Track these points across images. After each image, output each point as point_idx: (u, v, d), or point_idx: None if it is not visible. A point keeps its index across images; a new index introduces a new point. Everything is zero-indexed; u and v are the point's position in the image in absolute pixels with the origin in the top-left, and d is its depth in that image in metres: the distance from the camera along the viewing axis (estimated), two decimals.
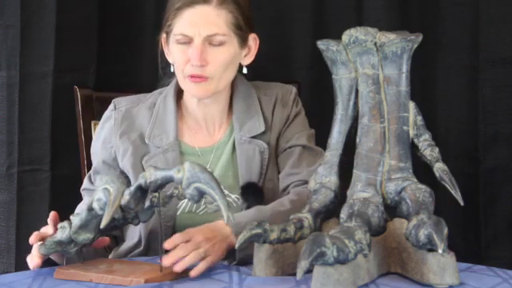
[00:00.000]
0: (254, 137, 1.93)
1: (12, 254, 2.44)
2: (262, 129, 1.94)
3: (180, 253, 1.59)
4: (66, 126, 2.36)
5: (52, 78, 2.42)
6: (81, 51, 2.46)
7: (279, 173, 1.95)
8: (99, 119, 2.17)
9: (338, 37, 1.62)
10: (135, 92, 2.06)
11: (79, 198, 2.25)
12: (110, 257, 1.93)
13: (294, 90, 2.02)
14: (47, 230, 1.66)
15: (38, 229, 2.44)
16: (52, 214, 1.68)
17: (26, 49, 2.41)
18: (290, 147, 1.95)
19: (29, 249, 2.44)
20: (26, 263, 2.39)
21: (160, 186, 1.54)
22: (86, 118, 2.21)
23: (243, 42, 1.93)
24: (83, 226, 1.59)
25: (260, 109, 1.96)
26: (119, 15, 2.53)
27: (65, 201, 2.45)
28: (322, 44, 1.64)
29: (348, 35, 1.60)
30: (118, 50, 2.52)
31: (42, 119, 2.43)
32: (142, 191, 1.55)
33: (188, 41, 1.88)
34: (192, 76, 1.87)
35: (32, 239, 1.65)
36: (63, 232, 1.60)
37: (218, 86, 1.90)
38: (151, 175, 1.53)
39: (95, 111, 2.22)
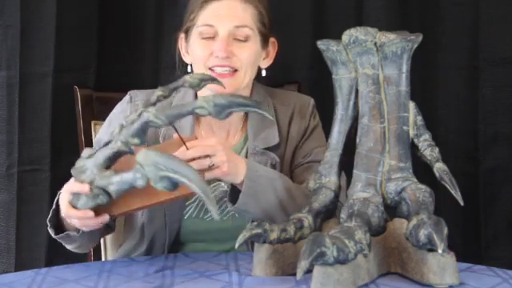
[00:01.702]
0: (267, 148, 1.89)
1: (12, 254, 2.44)
2: (277, 141, 1.90)
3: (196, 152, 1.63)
4: (66, 125, 2.36)
5: (52, 78, 2.42)
6: (81, 51, 2.46)
7: None
8: (99, 119, 2.17)
9: (338, 37, 1.62)
10: None
11: None
12: (116, 256, 1.93)
13: (311, 101, 1.98)
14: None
15: (37, 229, 2.46)
16: None
17: (26, 49, 2.41)
18: (307, 162, 1.91)
19: (28, 249, 2.45)
20: (25, 263, 2.42)
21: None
22: (85, 117, 2.21)
23: (265, 42, 1.91)
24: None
25: (276, 119, 1.92)
26: (119, 15, 2.53)
27: None
28: (322, 44, 1.64)
29: (348, 35, 1.60)
30: (118, 50, 2.52)
31: (42, 119, 2.43)
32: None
33: (212, 34, 1.84)
34: (218, 66, 1.83)
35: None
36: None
37: (242, 82, 1.86)
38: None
39: (95, 111, 2.22)
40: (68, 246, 1.81)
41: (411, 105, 1.61)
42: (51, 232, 1.74)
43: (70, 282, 1.56)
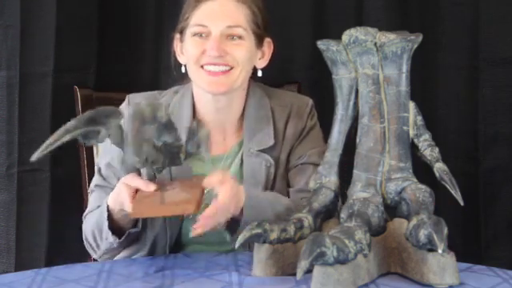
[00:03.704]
0: (262, 150, 1.88)
1: (12, 254, 2.44)
2: (271, 143, 1.89)
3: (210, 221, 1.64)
4: None
5: (52, 78, 2.42)
6: (81, 51, 2.46)
7: (289, 187, 1.91)
8: None
9: (337, 37, 1.62)
10: (135, 92, 2.05)
11: (79, 198, 2.25)
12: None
13: (310, 102, 1.96)
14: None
15: (37, 229, 2.46)
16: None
17: (26, 49, 2.41)
18: (301, 164, 1.90)
19: (28, 249, 2.45)
20: (25, 263, 2.42)
21: None
22: None
23: (259, 42, 1.90)
24: None
25: (272, 120, 1.91)
26: (119, 15, 2.53)
27: (65, 201, 2.46)
28: (322, 44, 1.64)
29: (348, 35, 1.60)
30: (118, 50, 2.52)
31: (42, 119, 2.43)
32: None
33: (205, 34, 1.84)
34: (209, 65, 1.82)
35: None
36: None
37: (237, 80, 1.85)
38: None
39: None
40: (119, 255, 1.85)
41: (411, 105, 1.61)
42: (115, 238, 1.76)
43: (70, 282, 1.56)
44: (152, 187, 1.64)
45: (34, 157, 1.56)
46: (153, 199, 1.62)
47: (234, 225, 1.70)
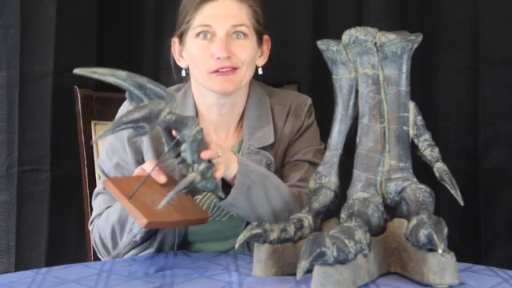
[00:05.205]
0: (262, 148, 1.89)
1: (12, 254, 2.45)
2: (272, 140, 1.90)
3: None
4: (66, 125, 2.36)
5: (52, 78, 2.42)
6: (81, 51, 2.46)
7: None
8: (99, 119, 2.17)
9: (337, 37, 1.62)
10: None
11: (79, 198, 2.25)
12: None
13: (309, 101, 1.98)
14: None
15: (37, 229, 2.47)
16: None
17: (26, 49, 2.42)
18: (295, 161, 1.91)
19: (28, 249, 2.46)
20: (25, 263, 2.42)
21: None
22: (85, 117, 2.21)
23: (260, 40, 1.91)
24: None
25: (272, 119, 1.93)
26: (119, 15, 2.53)
27: (65, 201, 2.46)
28: (322, 44, 1.64)
29: (348, 35, 1.60)
30: (118, 50, 2.53)
31: (42, 119, 2.43)
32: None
33: (210, 33, 1.84)
34: (220, 68, 1.83)
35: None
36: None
37: (243, 79, 1.86)
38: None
39: (95, 111, 2.22)
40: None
41: (411, 105, 1.61)
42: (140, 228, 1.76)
43: (70, 282, 1.56)
44: (162, 179, 1.66)
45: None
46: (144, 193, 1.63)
47: (224, 189, 1.71)
